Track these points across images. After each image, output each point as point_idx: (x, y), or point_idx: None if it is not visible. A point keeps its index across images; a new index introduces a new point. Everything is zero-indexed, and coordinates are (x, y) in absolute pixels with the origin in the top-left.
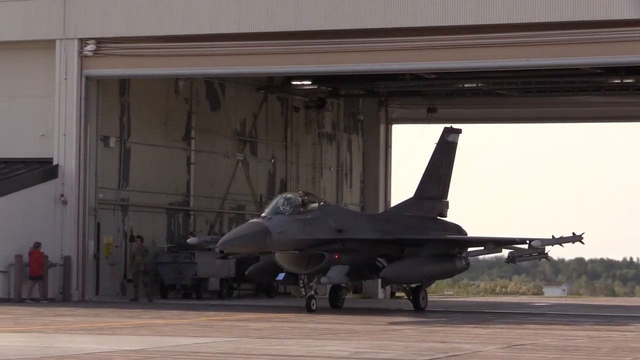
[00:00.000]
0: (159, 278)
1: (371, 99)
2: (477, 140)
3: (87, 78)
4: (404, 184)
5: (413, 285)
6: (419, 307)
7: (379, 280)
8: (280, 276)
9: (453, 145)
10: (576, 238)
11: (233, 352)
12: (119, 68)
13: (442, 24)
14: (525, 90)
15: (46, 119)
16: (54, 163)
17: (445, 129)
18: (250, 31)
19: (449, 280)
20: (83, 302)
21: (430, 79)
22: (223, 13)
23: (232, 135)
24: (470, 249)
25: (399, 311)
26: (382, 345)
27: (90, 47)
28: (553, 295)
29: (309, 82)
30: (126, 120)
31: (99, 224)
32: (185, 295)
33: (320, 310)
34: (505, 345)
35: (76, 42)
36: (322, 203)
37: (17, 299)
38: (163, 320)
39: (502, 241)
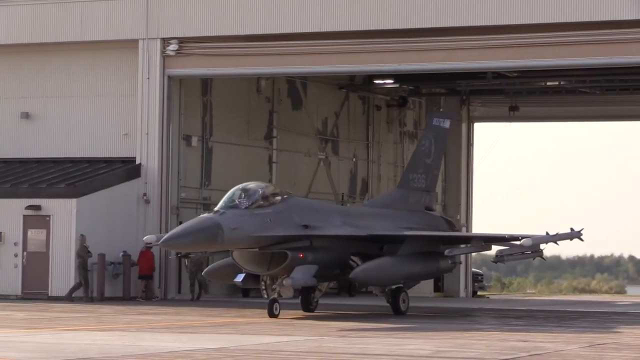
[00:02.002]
0: None
1: (453, 98)
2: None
3: (170, 77)
4: (485, 182)
5: (393, 287)
6: (398, 311)
7: (462, 278)
8: (239, 277)
9: (443, 132)
10: (574, 234)
11: (314, 351)
12: (201, 67)
13: (524, 22)
14: (608, 88)
15: (129, 118)
16: (137, 162)
17: (434, 113)
18: (332, 30)
19: (531, 278)
20: (165, 300)
21: (512, 77)
22: (305, 12)
23: (314, 134)
24: (455, 247)
25: (480, 310)
26: (463, 344)
27: (173, 46)
28: (636, 294)
29: (391, 81)
30: (208, 120)
31: (181, 223)
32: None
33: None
34: (587, 345)
35: (159, 41)
36: (285, 196)
37: (99, 298)
38: (244, 319)
39: (491, 238)
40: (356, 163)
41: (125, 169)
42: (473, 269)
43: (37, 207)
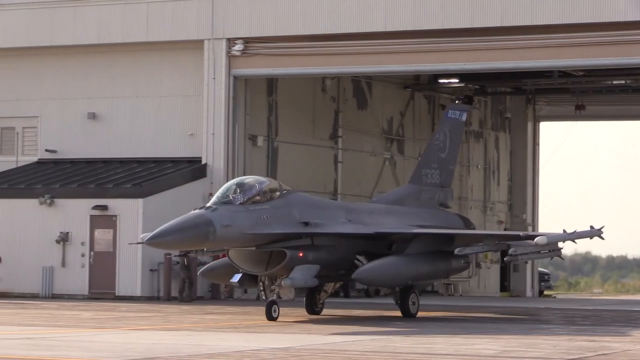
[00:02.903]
0: None
1: (519, 97)
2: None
3: (235, 77)
4: (552, 181)
5: (402, 288)
6: (408, 313)
7: (528, 278)
8: (236, 278)
9: (459, 124)
10: (594, 232)
11: (380, 350)
12: (266, 67)
13: (590, 21)
14: None
15: (195, 118)
16: (203, 162)
17: (451, 104)
18: (397, 29)
19: (597, 278)
20: (231, 300)
21: (578, 75)
22: (370, 12)
23: (379, 134)
24: (467, 246)
25: (546, 309)
26: (530, 343)
27: (238, 46)
28: None
29: (456, 80)
30: (274, 119)
31: None
32: (333, 293)
33: (467, 309)
34: None
35: (224, 42)
36: (284, 191)
37: (165, 297)
38: (309, 317)
39: (505, 237)
40: None
41: (191, 168)
42: (540, 269)
43: (104, 207)
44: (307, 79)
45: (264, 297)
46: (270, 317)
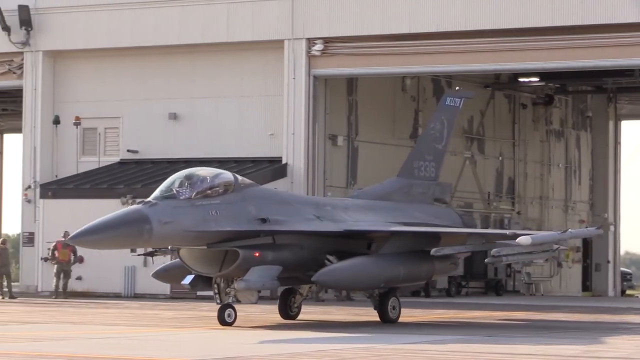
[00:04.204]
0: None
1: (600, 95)
2: None
3: (315, 77)
4: (633, 180)
5: (380, 291)
6: (387, 319)
7: (610, 277)
8: (187, 279)
9: (453, 111)
10: (591, 232)
11: (460, 350)
12: (346, 67)
13: None
14: None
15: (275, 118)
16: (283, 162)
17: (449, 91)
18: (477, 28)
19: None
20: (312, 299)
21: None
22: (450, 11)
23: (460, 133)
24: (447, 246)
25: (629, 309)
26: (612, 344)
27: (318, 46)
28: None
29: (537, 79)
30: (354, 119)
31: None
32: (413, 293)
33: (546, 308)
34: None
35: (304, 42)
36: (242, 185)
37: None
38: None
39: (491, 235)
40: (502, 162)
41: (272, 168)
42: (622, 268)
43: None
44: (387, 79)
45: (218, 301)
46: (224, 322)
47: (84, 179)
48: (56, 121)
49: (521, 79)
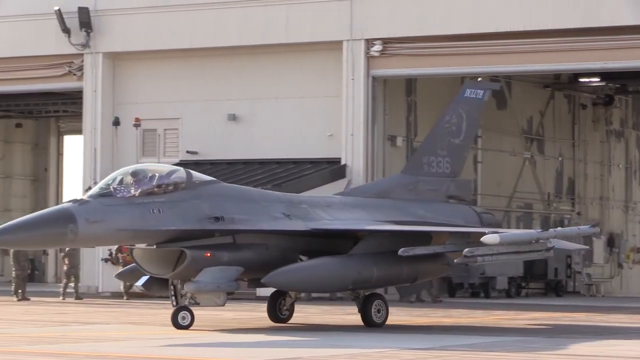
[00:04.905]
0: (447, 277)
1: None
2: None
3: (374, 78)
4: None
5: (366, 293)
6: (371, 323)
7: None
8: (141, 281)
9: (479, 105)
10: (586, 231)
11: (519, 351)
12: (405, 68)
13: None
14: None
15: (334, 119)
16: (342, 163)
17: (467, 81)
18: (537, 29)
19: None
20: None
21: None
22: (509, 11)
23: (519, 133)
24: (420, 247)
25: None
26: None
27: (377, 47)
28: None
29: (597, 79)
30: (413, 119)
31: None
32: (473, 294)
33: (607, 310)
34: None
35: (363, 42)
36: (197, 182)
37: (307, 297)
38: (451, 319)
39: (474, 235)
40: (562, 162)
41: (331, 169)
42: None
43: None
44: (446, 79)
45: (174, 304)
46: (178, 326)
47: None
48: (116, 122)
49: (581, 79)
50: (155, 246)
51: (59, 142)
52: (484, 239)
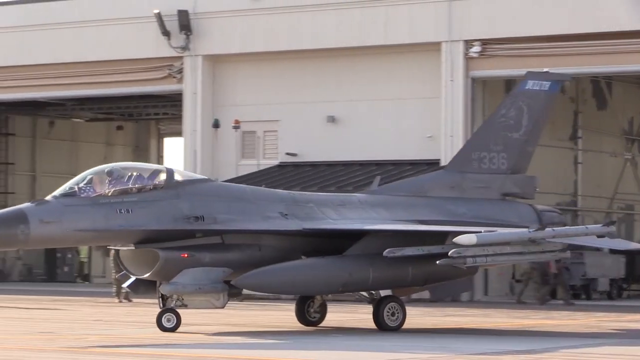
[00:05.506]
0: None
1: None
2: None
3: (473, 79)
4: None
5: (382, 294)
6: (383, 326)
7: None
8: (128, 282)
9: (539, 97)
10: (599, 230)
11: (621, 353)
12: (504, 69)
13: None
14: None
15: (433, 120)
16: (441, 164)
17: (528, 73)
18: (636, 29)
19: None
20: (472, 302)
21: None
22: (608, 11)
23: (620, 134)
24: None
25: None
26: None
27: (476, 48)
28: None
29: None
30: None
31: None
32: (574, 295)
33: None
34: None
35: (461, 44)
36: (178, 181)
37: (407, 299)
38: (552, 321)
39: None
40: None
41: (430, 171)
42: None
43: None
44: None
45: (161, 305)
46: (163, 328)
47: (243, 182)
48: (216, 125)
49: None
50: (133, 247)
51: (159, 144)
52: (457, 239)
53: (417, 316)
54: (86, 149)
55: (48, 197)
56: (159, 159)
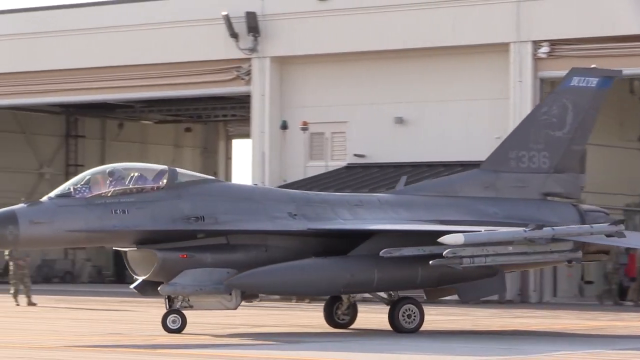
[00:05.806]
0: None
1: None
2: None
3: (542, 80)
4: None
5: (400, 294)
6: (398, 328)
7: None
8: (135, 283)
9: (587, 93)
10: (605, 229)
11: None
12: None
13: None
14: None
15: (501, 121)
16: None
17: (573, 69)
18: None
19: None
20: (541, 303)
21: None
22: None
23: None
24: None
25: None
26: None
27: (544, 49)
28: None
29: None
30: None
31: None
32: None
33: None
34: None
35: (530, 44)
36: (180, 182)
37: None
38: (622, 323)
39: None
40: None
41: None
42: None
43: None
44: (615, 80)
45: (167, 307)
46: (168, 329)
47: (312, 183)
48: (284, 126)
49: None
50: (136, 248)
51: (227, 146)
52: (442, 239)
53: (485, 317)
54: (155, 150)
55: (43, 198)
56: (227, 161)
